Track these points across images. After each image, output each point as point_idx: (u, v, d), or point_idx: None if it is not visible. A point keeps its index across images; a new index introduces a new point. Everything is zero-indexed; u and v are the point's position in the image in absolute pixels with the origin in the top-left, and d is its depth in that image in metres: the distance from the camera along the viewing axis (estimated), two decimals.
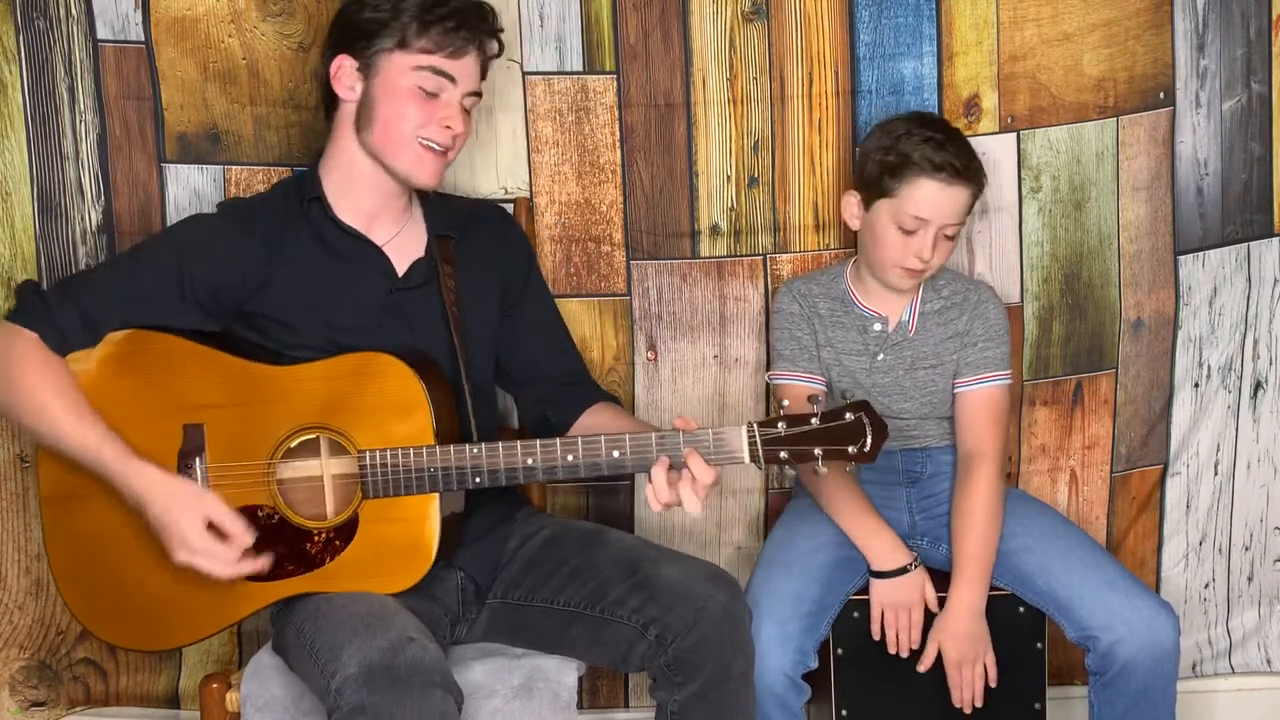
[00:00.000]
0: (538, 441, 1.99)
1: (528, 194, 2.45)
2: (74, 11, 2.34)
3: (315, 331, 2.08)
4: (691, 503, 1.94)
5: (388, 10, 2.06)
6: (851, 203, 2.31)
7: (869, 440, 1.95)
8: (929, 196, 2.20)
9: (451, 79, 2.08)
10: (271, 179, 2.39)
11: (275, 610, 2.09)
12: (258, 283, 2.08)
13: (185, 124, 2.38)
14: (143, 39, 2.35)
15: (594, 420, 2.22)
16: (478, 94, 2.14)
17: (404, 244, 2.16)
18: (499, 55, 2.18)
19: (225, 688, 2.09)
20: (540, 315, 2.31)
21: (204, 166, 2.39)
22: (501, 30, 2.16)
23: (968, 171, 2.21)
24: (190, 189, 2.40)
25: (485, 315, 2.22)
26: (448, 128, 2.08)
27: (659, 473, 1.95)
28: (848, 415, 1.95)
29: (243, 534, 1.98)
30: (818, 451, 1.94)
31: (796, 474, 2.43)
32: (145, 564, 2.03)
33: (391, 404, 2.01)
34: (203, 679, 2.12)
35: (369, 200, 2.13)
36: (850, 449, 1.94)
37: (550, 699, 2.05)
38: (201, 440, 2.03)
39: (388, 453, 1.99)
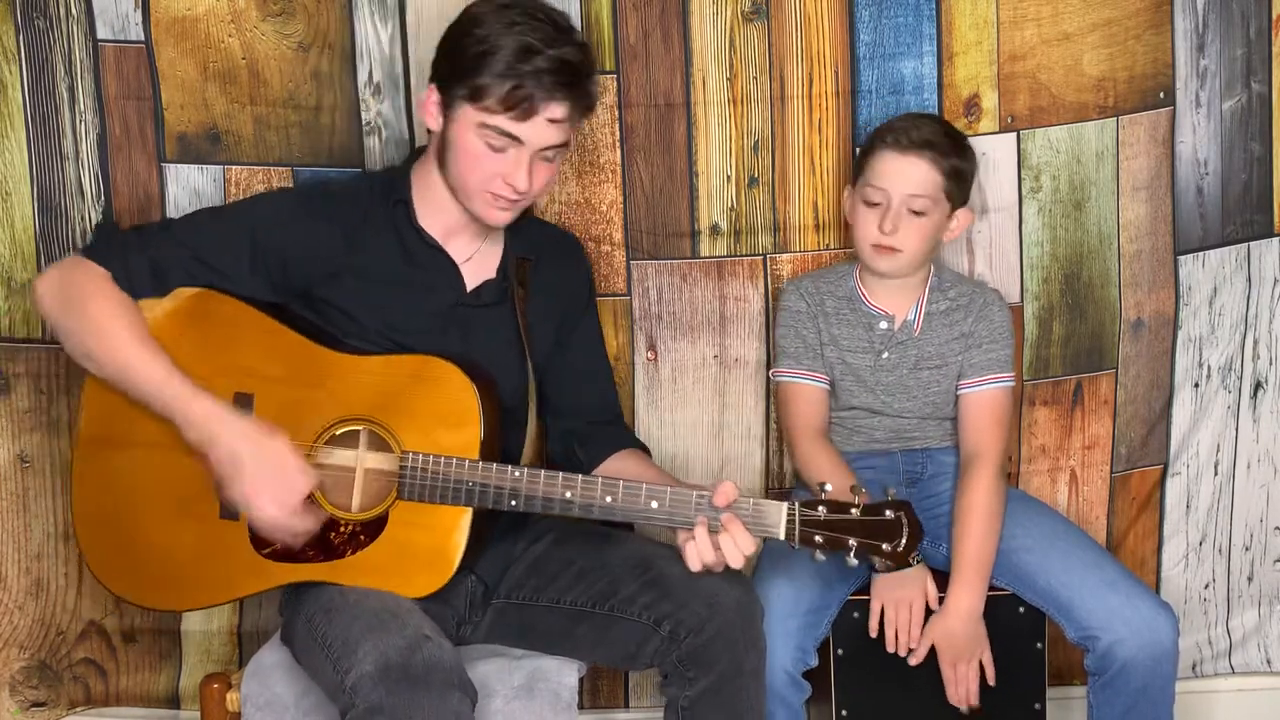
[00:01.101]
0: (580, 476, 1.99)
1: None
2: (74, 11, 2.34)
3: (375, 328, 2.08)
4: (736, 560, 1.95)
5: (474, 55, 1.98)
6: (846, 196, 2.36)
7: (904, 541, 1.95)
8: (885, 166, 2.25)
9: (518, 140, 1.99)
10: (271, 179, 2.39)
11: (284, 599, 2.09)
12: (330, 270, 2.08)
13: (185, 124, 2.38)
14: (143, 39, 2.35)
15: (621, 464, 2.22)
16: (562, 145, 2.05)
17: (480, 262, 2.16)
18: (593, 107, 2.09)
19: (225, 687, 2.10)
20: (588, 351, 2.31)
21: (204, 166, 2.39)
22: (594, 81, 2.06)
23: (925, 143, 2.23)
24: (190, 189, 2.40)
25: (543, 342, 2.22)
26: (511, 185, 2.02)
27: (702, 534, 1.95)
28: (888, 513, 1.95)
29: (306, 479, 1.96)
30: (852, 543, 1.94)
31: (798, 474, 2.42)
32: (167, 522, 2.03)
33: (443, 411, 2.01)
34: (203, 679, 2.12)
35: (448, 213, 2.13)
36: (885, 546, 1.94)
37: (551, 699, 2.05)
38: (250, 410, 2.02)
39: (431, 458, 1.99)
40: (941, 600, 2.21)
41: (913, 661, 2.20)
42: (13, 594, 2.50)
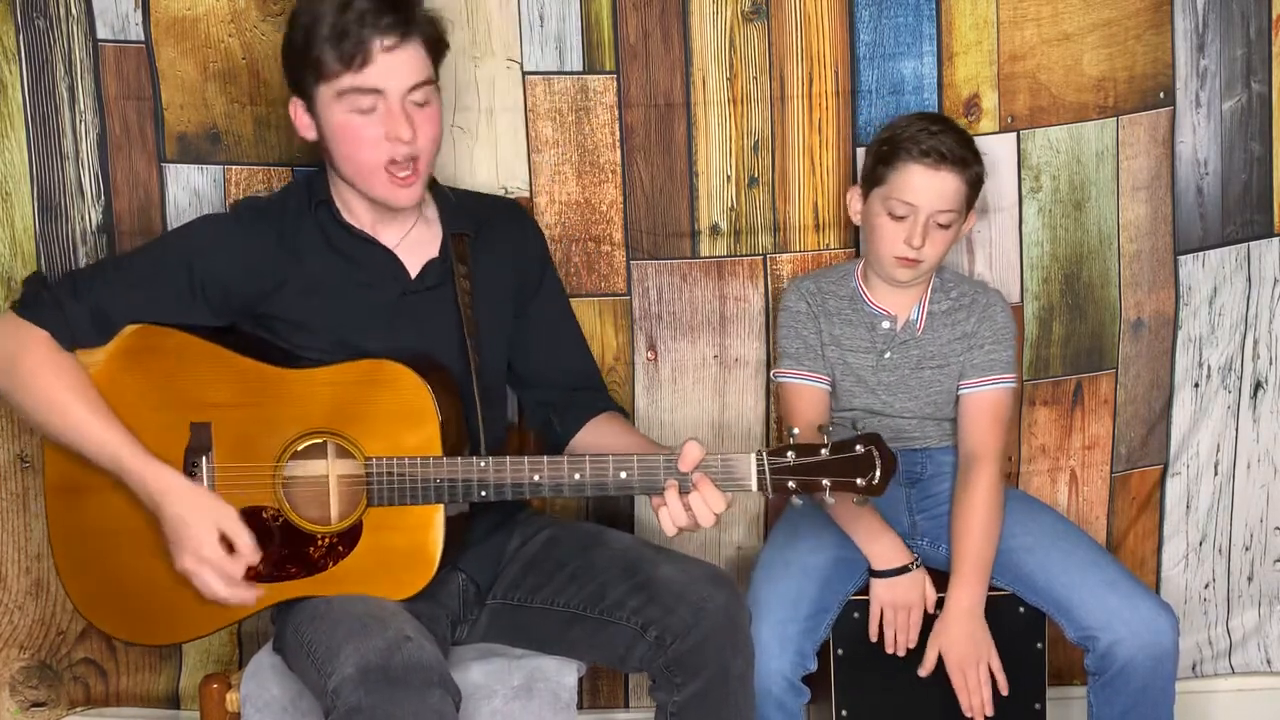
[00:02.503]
0: (545, 458, 1.99)
1: (528, 194, 2.45)
2: (74, 11, 2.34)
3: (326, 334, 2.07)
4: (707, 519, 1.94)
5: (303, 40, 1.97)
6: (854, 196, 2.34)
7: (878, 473, 1.94)
8: (915, 180, 2.21)
9: (375, 90, 1.96)
10: (271, 179, 2.39)
11: (275, 610, 2.09)
12: (271, 285, 2.07)
13: (185, 124, 2.38)
14: (143, 39, 2.35)
15: (598, 430, 2.21)
16: (425, 83, 2.00)
17: (416, 244, 2.14)
18: (434, 33, 2.02)
19: (225, 688, 2.10)
20: (552, 316, 2.28)
21: (204, 166, 2.39)
22: (418, 3, 2.01)
23: (956, 158, 2.21)
24: (190, 189, 2.40)
25: (499, 315, 2.20)
26: (397, 138, 1.98)
27: (673, 498, 1.94)
28: (858, 447, 1.94)
29: (251, 551, 1.97)
30: (826, 482, 1.93)
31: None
32: (149, 559, 2.03)
33: (400, 413, 2.00)
34: (203, 679, 2.12)
35: (368, 212, 2.11)
36: (859, 481, 1.94)
37: (550, 699, 2.05)
38: (209, 439, 2.03)
39: (394, 461, 1.99)
40: (941, 603, 2.21)
41: (922, 672, 2.20)
42: (13, 594, 2.50)
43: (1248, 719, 2.69)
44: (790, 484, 1.93)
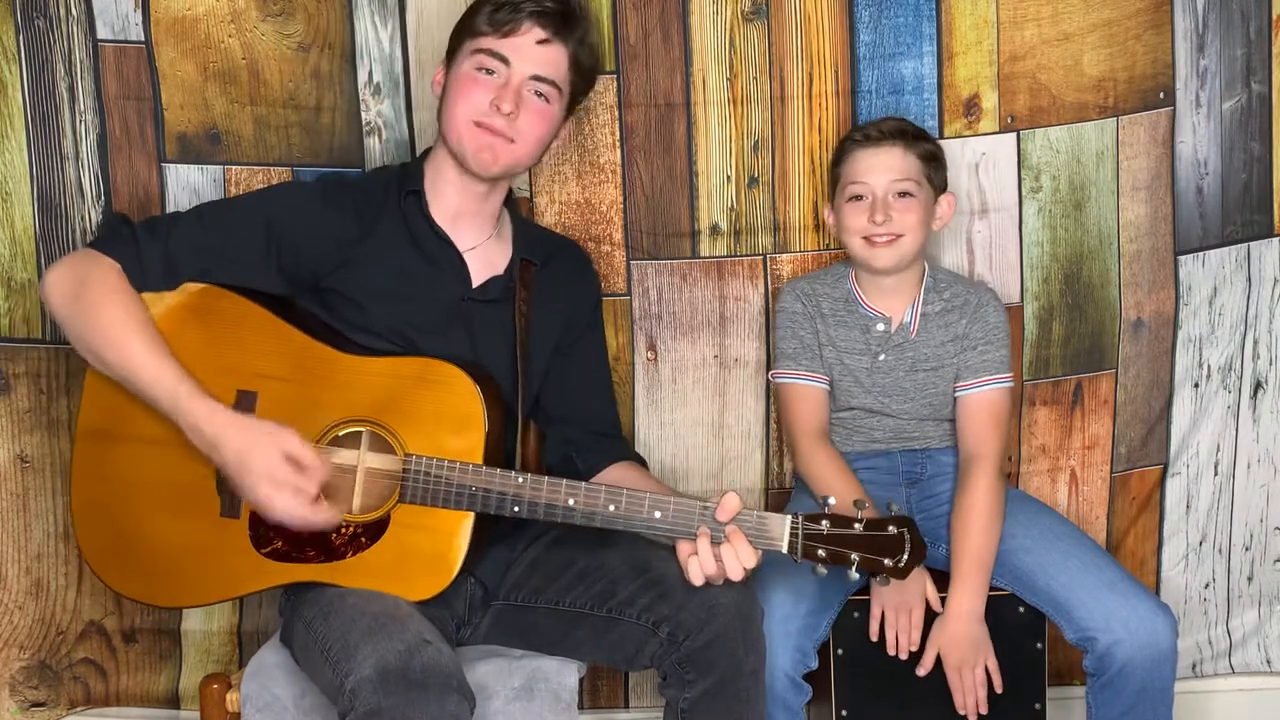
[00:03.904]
0: (582, 485, 1.99)
1: (528, 194, 2.45)
2: (74, 11, 2.34)
3: (383, 320, 2.09)
4: (736, 573, 1.95)
5: (468, 13, 2.13)
6: (828, 212, 2.40)
7: (906, 557, 1.95)
8: (860, 163, 2.30)
9: (504, 60, 2.08)
10: (271, 179, 2.39)
11: (284, 600, 2.09)
12: (341, 260, 2.09)
13: (185, 124, 2.38)
14: (143, 39, 2.35)
15: (618, 475, 2.22)
16: (550, 83, 2.11)
17: (486, 257, 2.18)
18: (583, 54, 2.15)
19: (225, 688, 2.09)
20: (591, 361, 2.31)
21: (204, 166, 2.39)
22: (580, 20, 2.15)
23: (894, 132, 2.30)
24: (190, 189, 2.40)
25: (544, 347, 2.23)
26: (497, 107, 2.07)
27: (704, 546, 1.95)
28: (890, 529, 1.95)
29: (319, 465, 1.95)
30: (855, 558, 1.95)
31: (797, 473, 2.42)
32: (167, 518, 2.03)
33: (448, 415, 2.00)
34: (203, 679, 2.12)
35: (453, 197, 2.15)
36: (886, 561, 1.95)
37: (551, 700, 2.05)
38: (253, 408, 2.02)
39: (434, 462, 1.99)
40: (942, 602, 2.21)
41: (920, 672, 2.20)
42: (13, 594, 2.50)
43: (1248, 719, 2.69)
44: (820, 552, 1.95)
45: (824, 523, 1.95)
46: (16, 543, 2.49)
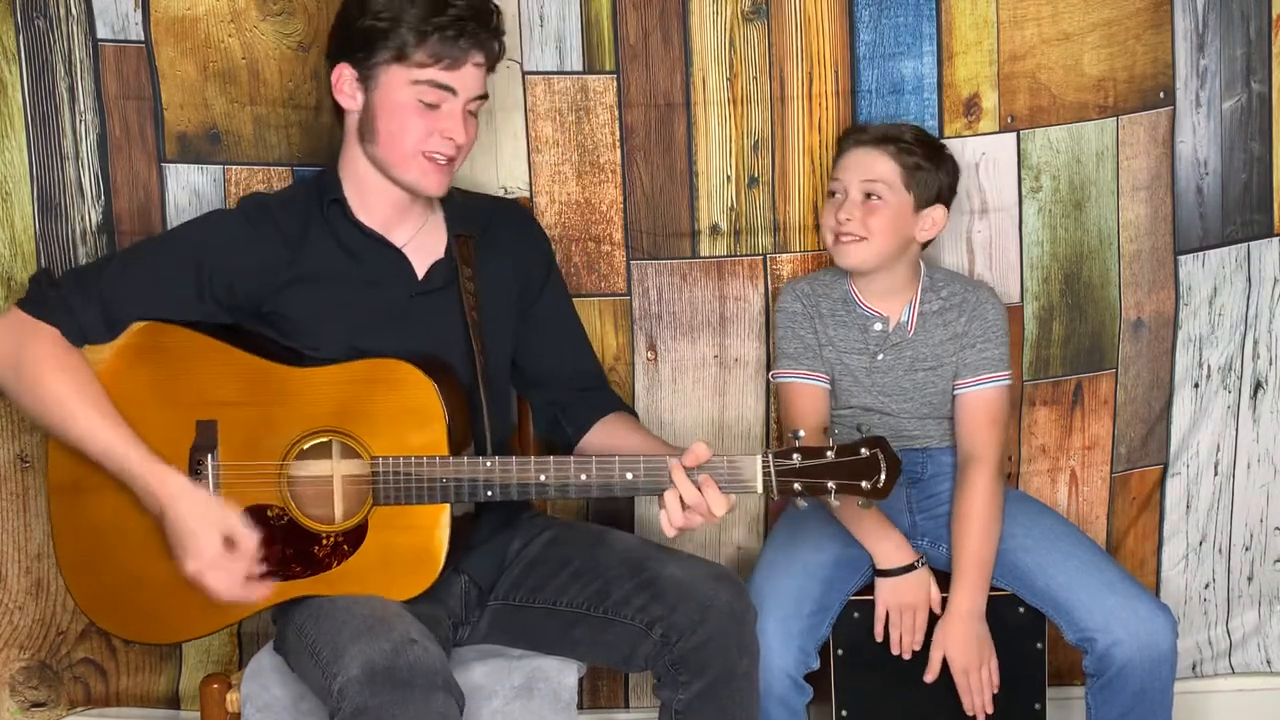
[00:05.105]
0: (551, 459, 1.99)
1: (528, 194, 2.45)
2: (74, 11, 2.34)
3: (333, 334, 2.07)
4: (706, 520, 1.95)
5: (387, 21, 2.01)
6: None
7: (883, 476, 1.94)
8: (845, 160, 2.33)
9: (452, 90, 2.03)
10: (271, 179, 2.39)
11: (277, 610, 2.09)
12: (278, 284, 2.07)
13: (185, 124, 2.38)
14: (143, 39, 2.35)
15: (607, 430, 2.21)
16: (482, 97, 2.09)
17: (424, 245, 2.15)
18: (501, 58, 2.13)
19: (225, 688, 2.10)
20: (557, 317, 2.29)
21: (204, 166, 2.39)
22: (503, 33, 2.11)
23: (881, 137, 2.30)
24: (190, 189, 2.40)
25: (503, 316, 2.20)
26: (450, 139, 2.05)
27: (672, 498, 1.94)
28: (863, 450, 1.94)
29: (253, 548, 1.97)
30: (831, 485, 1.94)
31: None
32: (152, 558, 2.03)
33: (407, 412, 2.00)
34: (203, 679, 2.12)
35: (384, 206, 2.12)
36: (864, 484, 1.94)
37: (550, 699, 2.05)
38: (214, 437, 2.03)
39: (400, 460, 1.99)
40: (944, 601, 2.21)
41: (928, 678, 2.20)
42: (13, 594, 2.50)
43: (1248, 719, 2.68)
44: (795, 486, 1.94)
45: (795, 456, 1.94)
46: (16, 543, 2.49)
